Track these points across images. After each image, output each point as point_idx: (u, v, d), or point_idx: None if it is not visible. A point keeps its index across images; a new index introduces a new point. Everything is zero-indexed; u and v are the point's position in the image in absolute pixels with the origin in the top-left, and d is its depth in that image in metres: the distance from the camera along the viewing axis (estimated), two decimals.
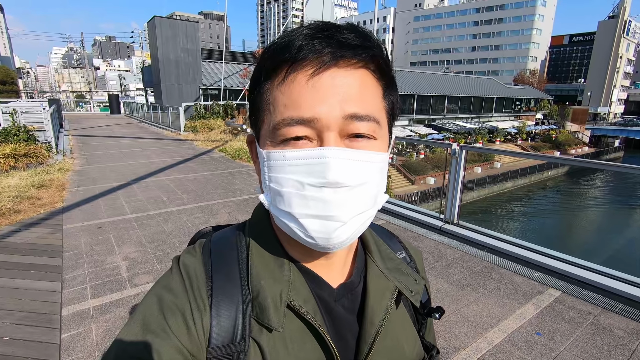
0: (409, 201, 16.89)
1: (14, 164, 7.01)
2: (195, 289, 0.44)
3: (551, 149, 35.73)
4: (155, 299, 0.44)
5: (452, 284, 2.97)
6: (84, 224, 4.24)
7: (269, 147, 0.43)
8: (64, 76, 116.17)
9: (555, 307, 2.63)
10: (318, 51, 0.40)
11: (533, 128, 40.97)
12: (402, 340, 0.53)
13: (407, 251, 0.61)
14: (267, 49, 0.44)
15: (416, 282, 0.55)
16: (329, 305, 0.48)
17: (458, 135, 32.52)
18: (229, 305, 0.44)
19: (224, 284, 0.45)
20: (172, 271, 0.48)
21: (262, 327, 0.44)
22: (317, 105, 0.39)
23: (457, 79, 43.09)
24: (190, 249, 0.51)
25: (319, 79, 0.40)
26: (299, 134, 0.40)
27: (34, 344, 2.27)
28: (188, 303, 0.43)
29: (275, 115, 0.42)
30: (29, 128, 8.82)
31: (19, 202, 5.01)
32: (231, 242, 0.50)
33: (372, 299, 0.49)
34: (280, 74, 0.42)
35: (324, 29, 0.41)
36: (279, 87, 0.42)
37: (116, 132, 15.34)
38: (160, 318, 0.42)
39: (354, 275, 0.51)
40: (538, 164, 29.47)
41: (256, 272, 0.46)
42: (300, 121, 0.40)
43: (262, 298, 0.44)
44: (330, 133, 0.40)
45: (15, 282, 2.98)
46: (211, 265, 0.47)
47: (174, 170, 7.43)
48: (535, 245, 3.45)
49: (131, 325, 0.43)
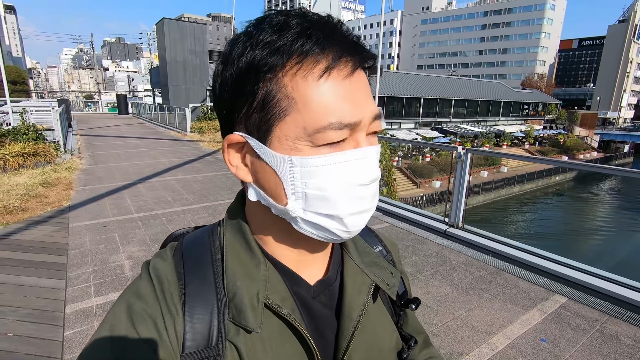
0: (414, 205, 16.81)
1: (22, 162, 7.11)
2: (167, 294, 0.43)
3: (559, 153, 35.42)
4: (124, 307, 0.42)
5: (456, 288, 2.94)
6: (89, 223, 4.28)
7: (302, 151, 0.39)
8: (74, 76, 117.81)
9: (561, 314, 2.59)
10: (351, 51, 0.40)
11: (541, 132, 40.64)
12: (380, 334, 0.53)
13: (383, 244, 0.61)
14: (287, 29, 0.38)
15: (392, 275, 0.55)
16: (307, 302, 0.47)
17: (464, 138, 32.37)
18: (203, 309, 0.42)
19: (197, 288, 0.43)
20: (142, 277, 0.45)
21: (239, 328, 0.42)
22: (358, 107, 0.40)
23: (464, 82, 42.94)
24: (160, 252, 0.49)
25: (353, 79, 0.40)
26: (344, 136, 0.39)
27: (37, 340, 2.29)
28: (159, 309, 0.41)
29: (314, 117, 0.38)
30: (38, 127, 8.95)
31: (27, 200, 5.07)
32: (204, 243, 0.48)
33: (349, 294, 0.49)
34: (315, 69, 0.38)
35: (337, 24, 0.41)
36: (315, 84, 0.38)
37: (123, 132, 15.50)
38: (129, 326, 0.40)
39: (330, 271, 0.51)
40: (545, 168, 29.22)
41: (231, 273, 0.44)
42: (347, 125, 0.39)
43: (238, 299, 0.43)
44: (363, 133, 0.41)
45: (21, 279, 3.01)
46: (183, 268, 0.45)
47: (180, 171, 7.48)
48: (541, 250, 3.41)
49: (98, 335, 0.41)
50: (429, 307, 2.66)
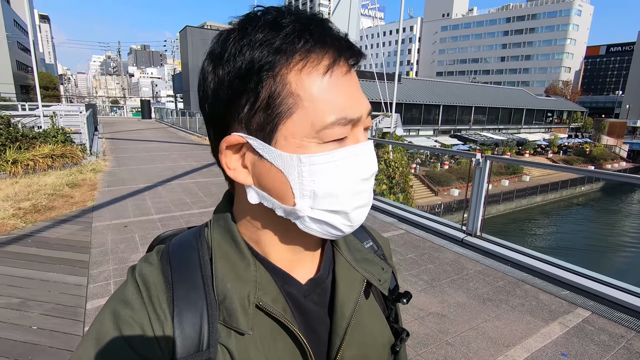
0: (431, 213, 16.53)
1: (51, 163, 7.44)
2: (155, 299, 0.41)
3: (585, 163, 34.13)
4: (110, 315, 0.41)
5: (473, 298, 2.87)
6: (111, 223, 4.42)
7: (309, 149, 0.39)
8: (101, 82, 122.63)
9: (583, 328, 2.48)
10: (347, 49, 0.41)
11: (565, 141, 39.36)
12: (373, 329, 0.53)
13: (374, 240, 0.61)
14: (285, 27, 0.38)
15: (384, 270, 0.55)
16: (299, 301, 0.47)
17: (485, 146, 31.72)
18: (192, 313, 0.41)
19: (185, 291, 0.42)
20: (128, 282, 0.44)
21: (230, 331, 0.42)
22: (358, 103, 0.41)
23: (484, 89, 42.18)
24: (147, 256, 0.48)
25: (351, 75, 0.41)
26: (348, 132, 0.40)
27: (59, 334, 2.38)
28: (147, 315, 0.40)
29: (321, 113, 0.38)
30: (66, 130, 9.35)
31: (54, 200, 5.29)
32: (192, 245, 0.47)
33: (341, 292, 0.49)
34: (319, 65, 0.38)
35: (331, 23, 0.42)
36: (320, 81, 0.38)
37: (146, 136, 15.97)
38: (116, 334, 0.39)
39: (322, 269, 0.50)
40: (570, 178, 28.19)
41: (221, 276, 0.43)
42: (352, 120, 0.40)
43: (228, 302, 0.42)
44: (362, 128, 0.43)
45: (46, 275, 3.14)
46: (171, 272, 0.43)
47: (199, 174, 7.63)
48: (563, 261, 3.29)
49: (84, 345, 0.40)
50: (444, 316, 2.60)
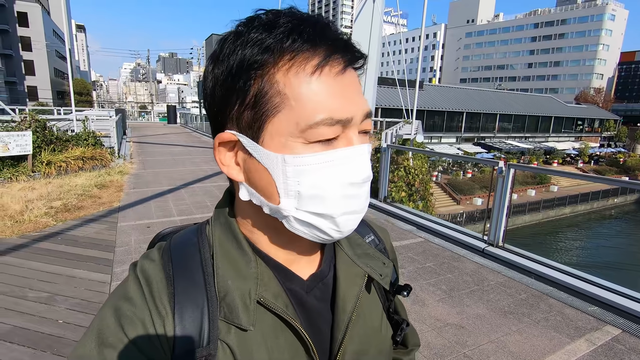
0: (453, 222, 16.13)
1: (82, 165, 7.80)
2: (156, 295, 0.42)
3: (618, 173, 32.49)
4: (111, 311, 0.41)
5: (493, 310, 2.77)
6: (135, 223, 4.57)
7: (295, 149, 0.39)
8: (130, 88, 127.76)
9: (613, 347, 2.35)
10: (341, 50, 0.40)
11: (597, 150, 37.69)
12: (374, 324, 0.53)
13: (375, 233, 0.61)
14: (277, 27, 0.38)
15: (385, 265, 0.55)
16: (301, 297, 0.47)
17: (510, 155, 30.81)
18: (193, 310, 0.41)
19: (186, 288, 0.42)
20: (129, 279, 0.44)
21: (231, 327, 0.42)
22: (350, 104, 0.40)
23: (510, 96, 41.08)
24: (148, 253, 0.48)
25: (344, 77, 0.40)
26: (337, 133, 0.39)
27: (83, 329, 2.47)
28: (148, 311, 0.41)
29: (307, 113, 0.38)
30: (97, 134, 9.77)
31: (83, 200, 5.53)
32: (193, 242, 0.47)
33: (342, 287, 0.49)
34: (307, 65, 0.38)
35: (328, 24, 0.41)
36: (307, 80, 0.38)
37: (171, 140, 16.47)
38: (117, 330, 0.39)
39: (323, 265, 0.51)
40: (602, 189, 26.89)
41: (222, 272, 0.44)
42: (339, 121, 0.39)
43: (230, 298, 0.42)
44: (355, 130, 0.41)
45: (73, 272, 3.28)
46: (172, 268, 0.44)
47: (220, 178, 7.79)
48: (592, 275, 3.13)
49: (85, 341, 0.40)
50: (462, 327, 2.53)
